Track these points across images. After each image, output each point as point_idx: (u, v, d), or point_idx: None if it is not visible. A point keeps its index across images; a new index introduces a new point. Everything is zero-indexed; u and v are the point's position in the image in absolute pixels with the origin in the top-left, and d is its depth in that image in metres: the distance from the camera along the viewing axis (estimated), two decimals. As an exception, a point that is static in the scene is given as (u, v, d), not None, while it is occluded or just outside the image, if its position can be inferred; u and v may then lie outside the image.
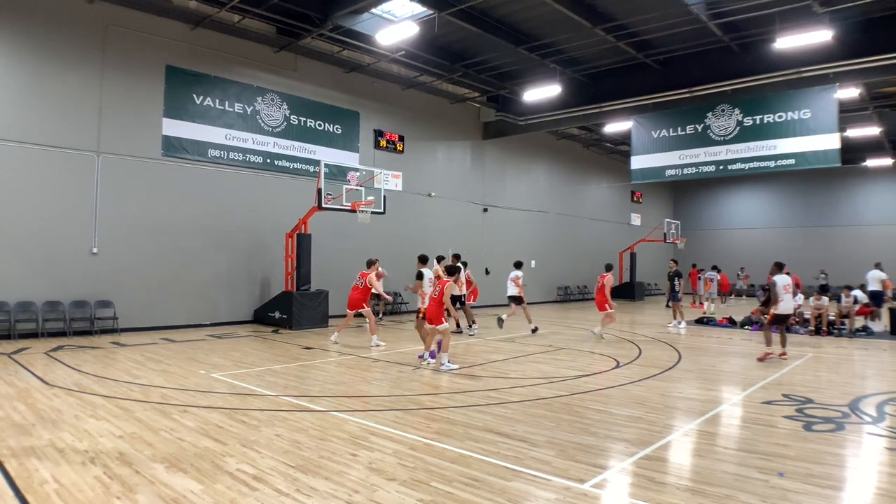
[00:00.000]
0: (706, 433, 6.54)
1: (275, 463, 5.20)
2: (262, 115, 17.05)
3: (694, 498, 4.56)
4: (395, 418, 6.78)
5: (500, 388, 8.48)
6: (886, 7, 14.77)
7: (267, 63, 17.19)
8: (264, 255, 16.92)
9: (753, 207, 36.96)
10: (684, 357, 11.67)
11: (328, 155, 18.04)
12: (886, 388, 8.87)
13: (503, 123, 23.66)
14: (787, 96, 17.49)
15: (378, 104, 20.29)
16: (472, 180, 24.20)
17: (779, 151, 17.67)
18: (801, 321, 16.32)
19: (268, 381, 8.85)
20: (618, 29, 16.73)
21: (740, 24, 16.28)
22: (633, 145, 20.94)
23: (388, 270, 17.02)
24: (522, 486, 4.76)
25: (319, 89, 18.50)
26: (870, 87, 20.37)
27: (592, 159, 31.68)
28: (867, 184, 32.49)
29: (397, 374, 9.55)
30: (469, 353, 11.83)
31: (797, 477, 5.02)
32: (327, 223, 17.18)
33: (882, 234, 31.29)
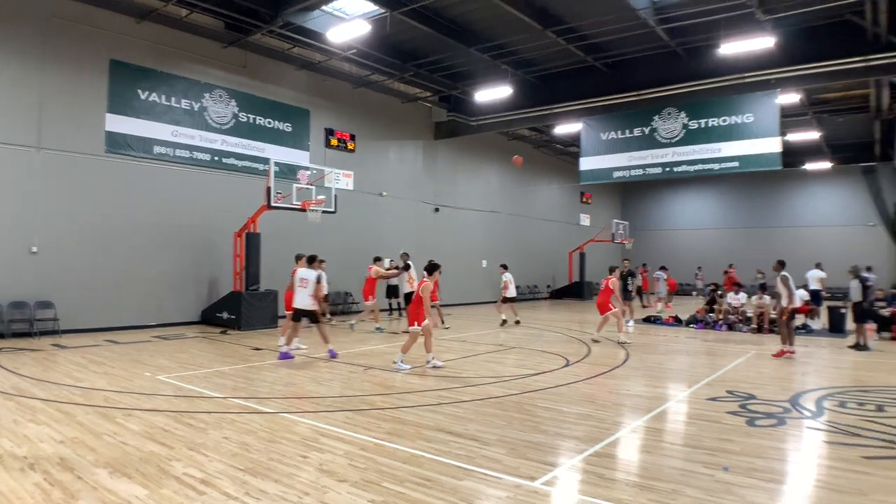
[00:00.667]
0: (653, 429, 6.69)
1: (223, 466, 5.09)
2: (209, 112, 16.68)
3: (642, 493, 4.65)
4: (346, 419, 6.72)
5: (451, 388, 8.50)
6: (825, 16, 15.38)
7: (215, 59, 16.83)
8: (212, 255, 16.56)
9: (699, 209, 38.05)
10: (632, 355, 11.91)
11: (278, 153, 17.76)
12: (825, 384, 9.22)
13: (455, 123, 23.73)
14: (731, 101, 18.06)
15: (329, 102, 20.10)
16: (424, 180, 24.20)
17: (723, 154, 18.23)
18: (743, 319, 16.86)
19: (215, 383, 8.67)
20: (568, 32, 16.99)
21: (686, 30, 16.72)
22: (582, 147, 21.29)
23: (328, 270, 16.94)
24: (474, 485, 4.78)
25: (269, 86, 18.21)
26: (809, 92, 21.21)
27: (543, 160, 32.06)
28: (806, 186, 33.81)
29: (348, 375, 9.48)
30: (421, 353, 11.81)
31: (741, 471, 5.18)
32: (277, 222, 16.92)
33: (820, 234, 32.57)
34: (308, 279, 10.80)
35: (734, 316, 17.06)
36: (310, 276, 10.83)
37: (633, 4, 14.97)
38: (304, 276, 10.85)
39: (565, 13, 16.22)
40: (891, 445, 5.98)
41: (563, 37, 17.13)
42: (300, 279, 10.86)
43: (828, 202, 33.47)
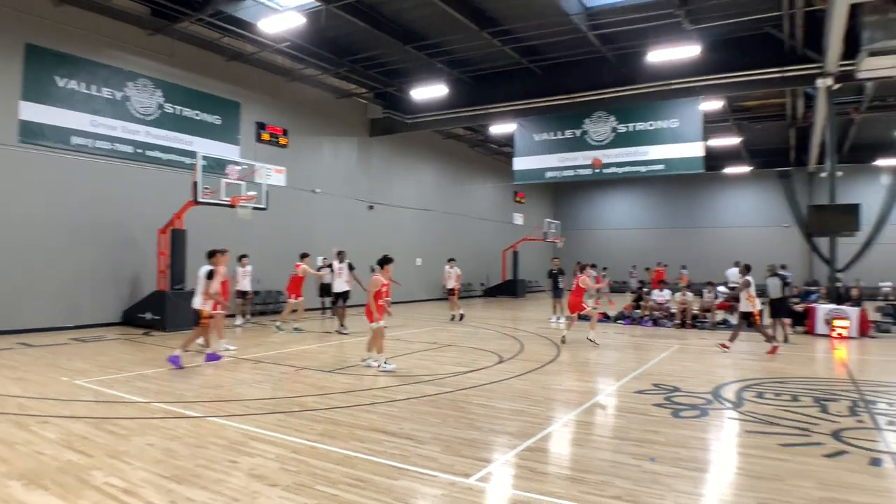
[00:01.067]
0: (584, 423, 6.86)
1: (147, 474, 4.88)
2: (133, 102, 15.98)
3: (573, 486, 4.76)
4: (277, 421, 6.57)
5: (385, 387, 8.46)
6: (747, 28, 16.11)
7: (140, 46, 16.11)
8: (134, 252, 15.87)
9: (626, 209, 39.23)
10: (563, 351, 12.14)
11: (206, 146, 17.18)
12: (744, 376, 9.66)
13: (390, 121, 23.60)
14: (658, 106, 18.69)
15: (261, 95, 19.60)
16: (359, 177, 23.96)
17: (650, 157, 18.87)
18: (668, 315, 17.47)
19: (138, 387, 8.31)
20: (504, 34, 17.16)
21: (617, 37, 17.17)
22: (516, 147, 21.58)
23: (259, 267, 16.62)
24: (409, 484, 4.76)
25: (198, 77, 17.58)
26: (731, 100, 22.19)
27: (478, 159, 32.32)
28: (727, 189, 35.53)
29: (279, 376, 9.28)
30: (354, 353, 11.71)
31: (667, 461, 5.37)
32: (204, 219, 16.32)
33: (738, 235, 34.23)
34: (201, 276, 10.28)
35: (659, 312, 17.66)
36: (200, 273, 10.30)
37: (567, 10, 15.28)
38: (200, 273, 10.33)
39: (501, 15, 16.38)
40: (805, 433, 6.30)
41: (498, 38, 17.29)
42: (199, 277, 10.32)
43: (746, 204, 35.20)
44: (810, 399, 7.93)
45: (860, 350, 13.10)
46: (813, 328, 15.31)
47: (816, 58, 15.86)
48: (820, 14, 14.21)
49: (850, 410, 7.31)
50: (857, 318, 14.81)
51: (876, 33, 13.32)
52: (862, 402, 7.75)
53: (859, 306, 15.16)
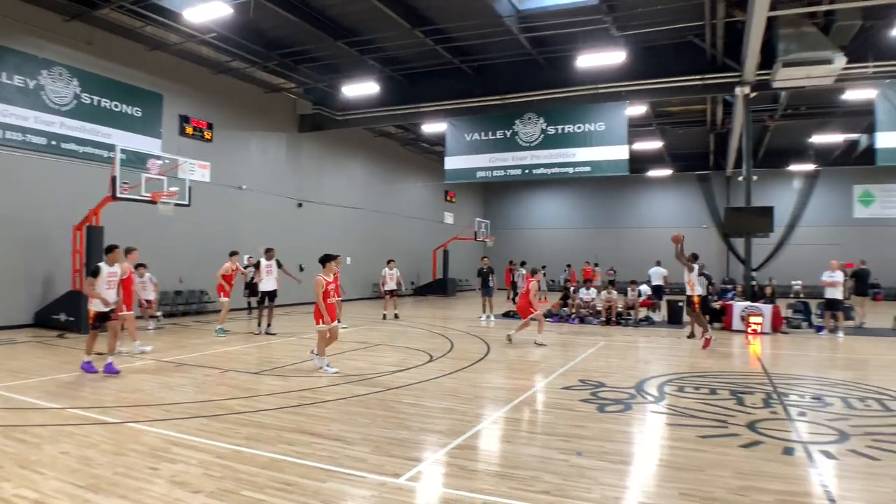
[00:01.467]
0: (513, 420, 6.95)
1: (60, 484, 4.61)
2: (47, 91, 15.11)
3: (503, 482, 4.80)
4: (201, 426, 6.35)
5: (314, 388, 8.31)
6: (671, 37, 16.74)
7: (56, 33, 15.22)
8: (47, 250, 15.03)
9: (555, 209, 40.07)
10: (493, 349, 12.27)
11: (125, 139, 16.41)
12: (666, 371, 10.01)
13: (320, 117, 23.24)
14: (586, 109, 19.16)
15: (185, 88, 18.91)
16: (287, 174, 23.49)
17: (577, 159, 19.32)
18: (594, 313, 17.92)
19: (51, 393, 7.85)
20: (436, 33, 17.20)
21: (547, 40, 17.51)
22: (447, 146, 21.66)
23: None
24: (338, 486, 4.69)
25: (117, 66, 16.78)
26: (654, 105, 23.02)
27: (409, 158, 32.27)
28: (649, 191, 36.92)
29: (203, 379, 8.97)
30: (282, 353, 11.48)
31: (593, 455, 5.50)
32: (123, 215, 15.60)
33: (661, 235, 35.23)
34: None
35: (585, 310, 18.09)
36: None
37: (499, 12, 15.44)
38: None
39: (434, 14, 16.39)
40: (723, 425, 6.57)
41: (431, 37, 17.31)
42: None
43: (668, 206, 36.65)
44: (727, 392, 8.28)
45: (773, 345, 13.77)
46: (730, 324, 16.03)
47: (735, 67, 16.65)
48: (739, 25, 14.91)
49: (764, 402, 7.67)
50: (771, 314, 15.60)
51: (790, 45, 14.09)
52: (775, 395, 8.15)
53: (773, 303, 15.97)
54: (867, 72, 15.82)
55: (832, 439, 6.07)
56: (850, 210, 31.56)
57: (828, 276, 15.25)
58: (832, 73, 14.62)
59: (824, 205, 30.74)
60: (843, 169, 29.38)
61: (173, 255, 17.84)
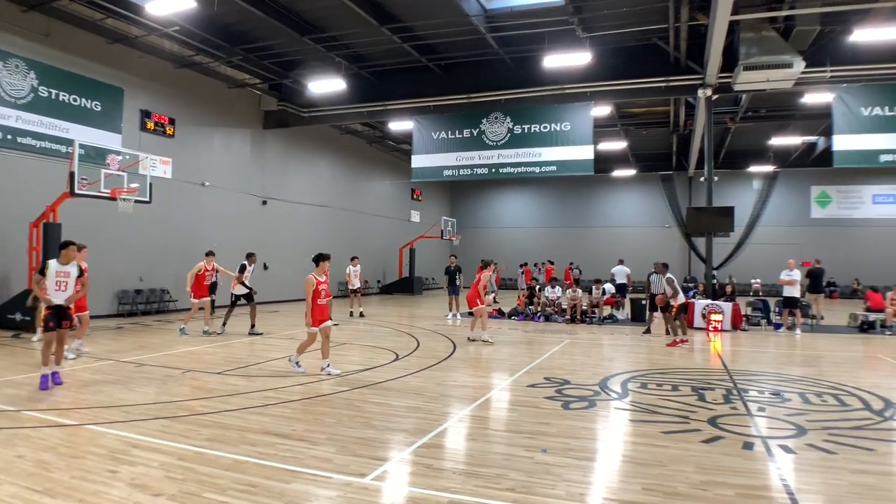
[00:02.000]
0: (479, 418, 6.97)
1: (16, 489, 4.48)
2: (2, 84, 14.60)
3: (469, 480, 4.82)
4: (162, 427, 6.22)
5: (278, 388, 8.21)
6: (636, 39, 16.99)
7: (12, 23, 14.72)
8: (3, 248, 14.57)
9: (521, 208, 40.32)
10: (459, 347, 12.29)
11: (84, 134, 15.97)
12: (629, 368, 10.16)
13: (286, 114, 22.98)
14: (552, 109, 19.32)
15: (146, 82, 18.49)
16: (252, 170, 23.16)
17: (543, 158, 19.47)
18: (559, 311, 18.08)
19: (7, 395, 7.60)
20: (403, 31, 17.15)
21: (514, 40, 17.58)
22: (414, 145, 21.62)
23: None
24: (302, 487, 4.65)
25: (76, 59, 16.32)
26: (619, 106, 23.32)
27: (375, 156, 32.12)
28: (614, 191, 37.47)
29: (164, 379, 8.79)
30: (246, 354, 11.33)
31: (558, 451, 5.55)
32: (82, 212, 15.22)
33: (623, 234, 36.13)
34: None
35: (551, 308, 18.25)
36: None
37: (467, 11, 15.47)
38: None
39: (401, 12, 16.34)
40: (685, 420, 6.70)
41: (398, 35, 17.26)
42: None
43: (632, 205, 37.22)
44: (689, 388, 8.44)
45: (733, 342, 14.07)
46: (691, 322, 16.30)
47: (698, 69, 16.97)
48: (702, 29, 15.19)
49: (724, 398, 7.84)
50: (731, 312, 15.93)
51: (751, 49, 14.42)
52: (735, 391, 8.33)
53: (733, 301, 16.31)
54: (825, 76, 16.29)
55: (790, 434, 6.23)
56: (807, 210, 32.49)
57: (786, 275, 15.62)
58: (791, 76, 15.02)
59: (783, 205, 31.62)
60: (801, 170, 30.25)
61: (134, 253, 17.47)
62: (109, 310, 17.17)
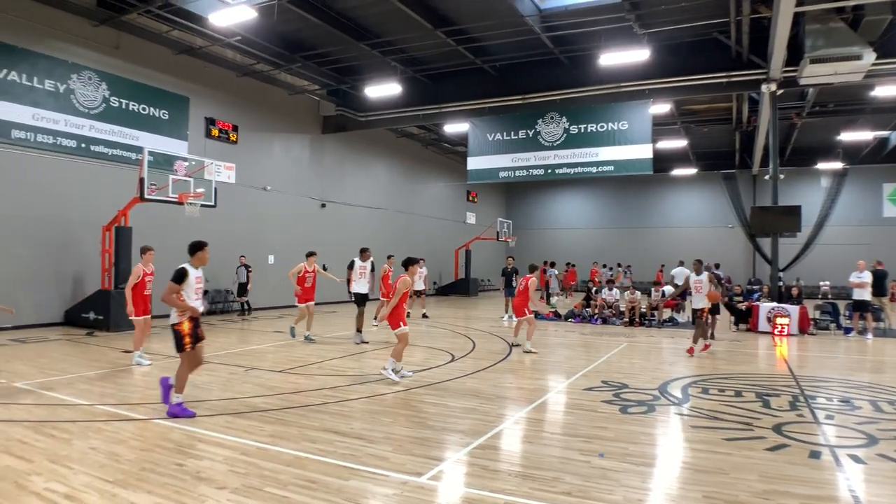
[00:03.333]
0: (534, 420, 6.93)
1: (89, 479, 4.72)
2: (77, 95, 15.42)
3: (524, 482, 4.80)
4: (226, 423, 6.44)
5: (337, 387, 8.37)
6: (695, 34, 16.55)
7: (85, 38, 15.54)
8: (77, 250, 15.32)
9: (577, 209, 39.83)
10: (515, 349, 12.23)
11: (153, 142, 16.70)
12: (690, 373, 9.91)
13: (343, 118, 23.40)
14: (609, 108, 19.05)
15: (211, 90, 19.17)
16: (310, 174, 23.68)
17: (600, 158, 19.23)
18: (617, 314, 17.79)
19: (81, 390, 8.03)
20: (458, 33, 17.21)
21: (569, 39, 17.41)
22: (469, 146, 21.68)
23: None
24: (360, 484, 4.73)
25: (145, 70, 17.08)
26: (679, 104, 22.77)
27: (431, 158, 32.32)
28: (673, 190, 36.53)
29: (228, 377, 9.09)
30: (306, 353, 11.58)
31: (615, 456, 5.47)
32: (151, 216, 15.92)
33: (684, 234, 35.19)
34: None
35: (609, 310, 17.97)
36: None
37: (521, 11, 15.40)
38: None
39: (455, 15, 16.41)
40: (748, 427, 6.50)
41: (453, 38, 17.33)
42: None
43: (693, 205, 36.22)
44: (753, 394, 8.19)
45: (800, 347, 13.58)
46: (756, 326, 15.82)
47: (761, 64, 16.42)
48: (765, 21, 14.70)
49: (790, 405, 7.57)
50: (798, 315, 15.37)
51: (818, 41, 13.86)
52: (802, 397, 8.04)
53: (800, 304, 15.73)
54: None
55: (860, 443, 5.98)
56: (879, 209, 30.89)
57: (856, 277, 14.95)
58: (861, 69, 14.35)
59: (853, 204, 30.24)
60: (872, 167, 28.92)
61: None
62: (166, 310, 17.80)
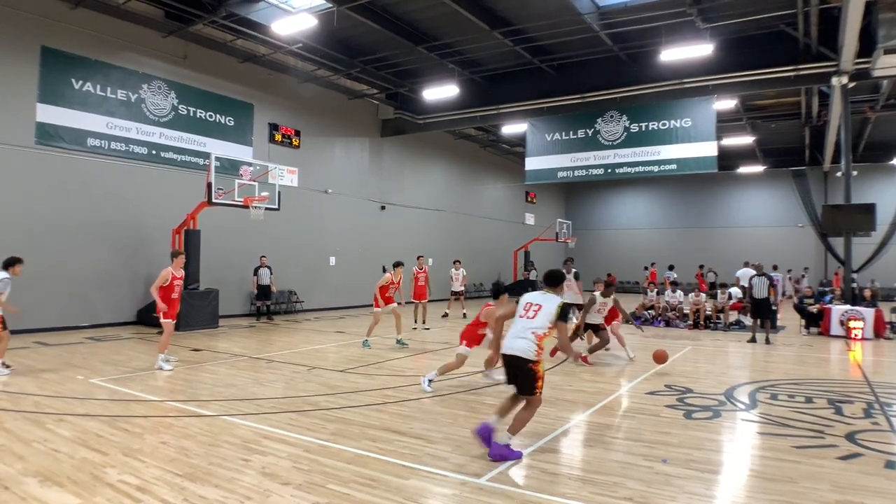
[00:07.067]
0: (595, 424, 6.83)
1: (160, 472, 4.93)
2: (147, 104, 16.12)
3: (585, 487, 4.74)
4: (290, 420, 6.60)
5: (397, 387, 8.47)
6: (761, 26, 15.99)
7: (154, 49, 16.25)
8: (149, 252, 15.98)
9: (638, 209, 39.02)
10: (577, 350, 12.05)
11: (219, 148, 17.32)
12: (757, 378, 9.59)
13: (402, 121, 23.64)
14: (670, 105, 18.59)
15: (273, 97, 19.70)
16: (370, 177, 24.02)
17: (662, 157, 18.77)
18: (680, 316, 17.36)
19: (152, 386, 8.40)
20: (515, 33, 17.13)
21: (629, 35, 17.08)
22: (527, 147, 21.54)
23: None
24: (420, 484, 4.77)
25: (211, 79, 17.71)
26: (744, 99, 22.04)
27: (489, 159, 32.28)
28: (740, 189, 35.23)
29: (291, 376, 9.32)
30: (366, 353, 11.74)
31: (679, 462, 5.34)
32: (218, 219, 16.48)
33: (751, 234, 33.99)
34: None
35: (672, 313, 17.56)
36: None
37: (579, 9, 15.23)
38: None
39: (512, 15, 16.34)
40: (819, 435, 6.24)
41: (510, 38, 17.26)
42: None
43: (760, 204, 34.90)
44: (825, 401, 7.86)
45: (875, 351, 12.96)
46: (828, 329, 15.18)
47: (831, 56, 15.72)
48: (835, 12, 14.10)
49: (864, 412, 7.24)
50: (873, 319, 14.67)
51: (892, 31, 13.19)
52: (877, 404, 7.67)
53: (875, 307, 15.01)
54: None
55: (942, 452, 5.67)
56: (962, 206, 29.17)
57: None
58: (941, 59, 13.60)
59: (933, 200, 28.62)
60: (955, 162, 27.27)
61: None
62: (242, 310, 18.41)
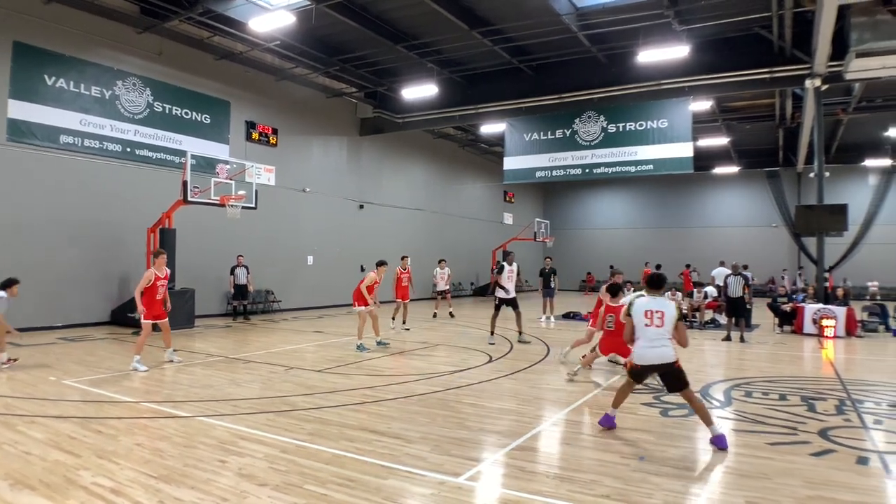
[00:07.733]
0: (573, 422, 6.88)
1: (135, 474, 4.85)
2: (122, 101, 15.88)
3: (562, 485, 4.77)
4: (267, 421, 6.55)
5: (375, 386, 8.44)
6: (736, 29, 16.22)
7: (129, 45, 16.01)
8: (123, 251, 15.75)
9: (616, 209, 39.34)
10: (552, 350, 12.15)
11: (195, 145, 17.11)
12: (732, 375, 9.71)
13: (380, 120, 23.57)
14: (648, 106, 18.78)
15: (251, 95, 19.53)
16: (348, 176, 23.92)
17: (639, 157, 18.95)
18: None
19: (127, 387, 8.27)
20: (494, 33, 17.17)
21: (607, 37, 17.21)
22: (506, 147, 21.61)
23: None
24: (398, 484, 4.76)
25: (187, 76, 17.49)
26: (720, 100, 22.33)
27: (467, 159, 32.33)
28: (715, 189, 35.72)
29: (268, 376, 9.24)
30: (344, 353, 11.69)
31: (656, 460, 5.39)
32: (194, 218, 16.29)
33: (726, 234, 34.46)
34: None
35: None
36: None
37: (557, 10, 15.31)
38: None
39: (491, 15, 16.38)
40: (792, 432, 6.34)
41: (489, 38, 17.30)
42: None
43: (735, 204, 35.42)
44: (798, 398, 7.98)
45: (847, 349, 13.19)
46: (801, 328, 15.42)
47: (805, 58, 16.00)
48: (809, 15, 14.32)
49: (837, 409, 7.36)
50: (844, 317, 14.93)
51: (864, 34, 13.41)
52: (849, 401, 7.81)
53: (846, 306, 15.28)
54: (950, 61, 14.93)
55: (911, 448, 5.78)
56: (931, 207, 29.81)
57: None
58: (911, 63, 13.87)
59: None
60: (924, 163, 27.83)
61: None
62: (218, 310, 18.22)
